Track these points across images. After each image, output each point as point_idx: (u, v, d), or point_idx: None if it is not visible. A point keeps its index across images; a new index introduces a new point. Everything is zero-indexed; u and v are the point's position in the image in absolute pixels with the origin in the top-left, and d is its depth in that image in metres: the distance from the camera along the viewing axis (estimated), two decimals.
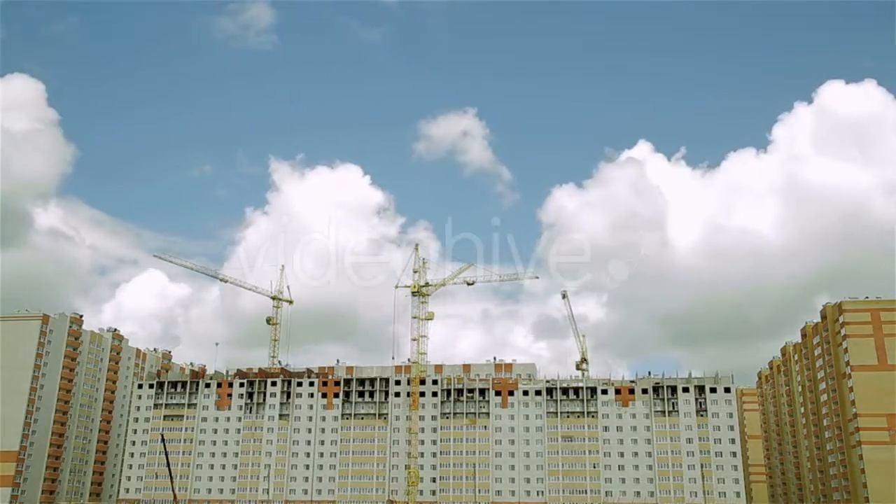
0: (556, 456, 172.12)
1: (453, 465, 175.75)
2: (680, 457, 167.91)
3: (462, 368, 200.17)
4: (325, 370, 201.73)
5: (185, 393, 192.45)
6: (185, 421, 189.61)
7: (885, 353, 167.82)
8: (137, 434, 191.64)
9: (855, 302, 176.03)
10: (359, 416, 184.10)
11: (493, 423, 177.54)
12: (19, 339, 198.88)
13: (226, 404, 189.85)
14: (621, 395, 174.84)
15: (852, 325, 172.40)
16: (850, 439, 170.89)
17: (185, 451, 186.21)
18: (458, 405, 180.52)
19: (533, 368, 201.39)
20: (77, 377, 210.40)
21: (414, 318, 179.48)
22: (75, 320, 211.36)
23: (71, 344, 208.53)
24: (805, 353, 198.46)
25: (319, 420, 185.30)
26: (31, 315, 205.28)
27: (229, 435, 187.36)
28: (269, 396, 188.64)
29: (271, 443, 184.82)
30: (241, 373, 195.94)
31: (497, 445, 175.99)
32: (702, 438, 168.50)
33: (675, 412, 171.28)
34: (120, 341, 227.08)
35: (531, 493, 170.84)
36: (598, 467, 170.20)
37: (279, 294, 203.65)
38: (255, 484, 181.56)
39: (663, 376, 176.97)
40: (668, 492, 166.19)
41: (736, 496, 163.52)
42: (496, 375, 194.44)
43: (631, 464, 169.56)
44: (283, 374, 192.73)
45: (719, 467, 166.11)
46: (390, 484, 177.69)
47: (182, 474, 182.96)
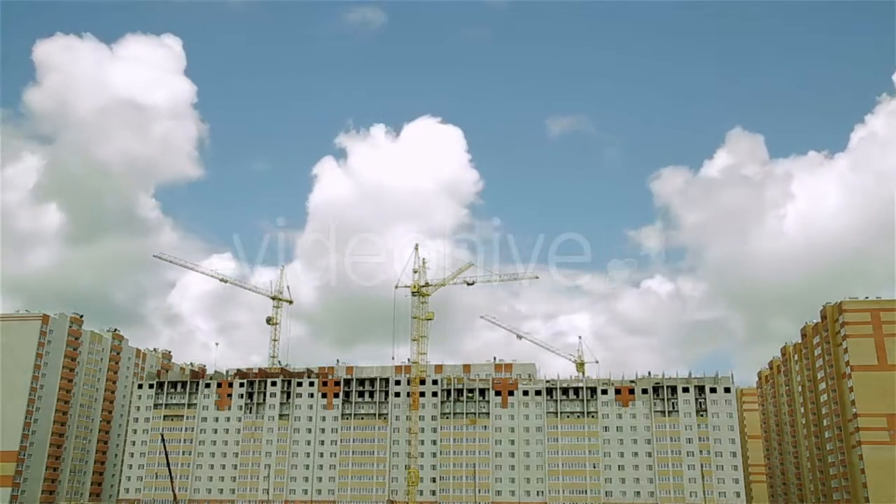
0: (556, 456, 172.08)
1: (453, 465, 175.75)
2: (680, 457, 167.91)
3: (462, 368, 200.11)
4: (325, 370, 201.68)
5: (185, 393, 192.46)
6: (185, 421, 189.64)
7: (885, 353, 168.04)
8: (137, 434, 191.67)
9: (855, 302, 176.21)
10: (359, 416, 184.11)
11: (493, 423, 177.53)
12: (19, 339, 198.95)
13: (226, 404, 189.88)
14: (621, 395, 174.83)
15: (852, 325, 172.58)
16: (850, 439, 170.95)
17: (185, 451, 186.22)
18: (458, 405, 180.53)
19: (533, 368, 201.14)
20: (77, 377, 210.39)
21: (414, 318, 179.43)
22: (75, 320, 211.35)
23: (71, 344, 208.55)
24: (805, 353, 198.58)
25: (319, 420, 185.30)
26: (31, 315, 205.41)
27: (229, 435, 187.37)
28: (269, 396, 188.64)
29: (271, 443, 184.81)
30: (241, 373, 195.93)
31: (497, 445, 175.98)
32: (702, 438, 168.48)
33: (675, 412, 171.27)
34: (120, 341, 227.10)
35: (531, 493, 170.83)
36: (598, 467, 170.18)
37: (279, 294, 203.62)
38: (255, 484, 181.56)
39: (663, 376, 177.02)
40: (668, 492, 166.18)
41: (736, 496, 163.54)
42: (496, 375, 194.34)
43: (631, 464, 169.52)
44: (283, 374, 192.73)
45: (719, 467, 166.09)
46: (390, 484, 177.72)
47: (182, 474, 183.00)
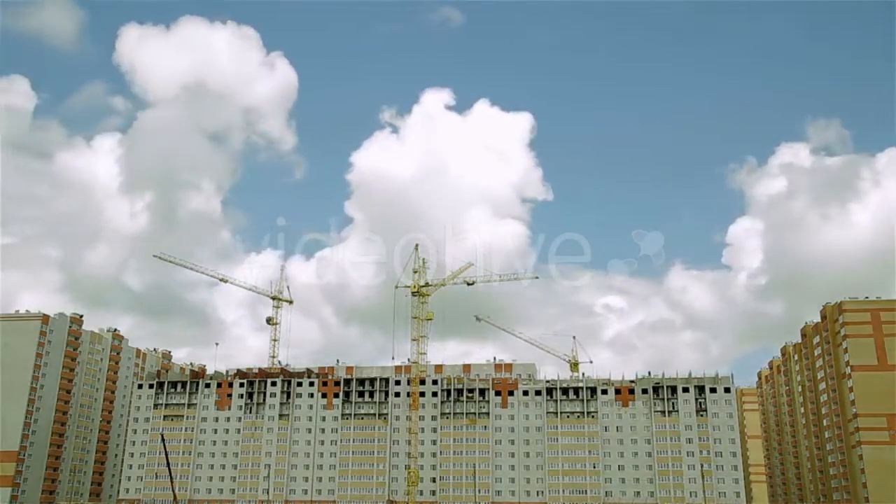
0: (556, 456, 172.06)
1: (453, 465, 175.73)
2: (680, 457, 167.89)
3: (462, 368, 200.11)
4: (325, 370, 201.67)
5: (185, 393, 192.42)
6: (185, 421, 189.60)
7: (885, 353, 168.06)
8: (137, 434, 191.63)
9: (855, 302, 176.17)
10: (359, 416, 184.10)
11: (493, 423, 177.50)
12: (19, 339, 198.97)
13: (226, 404, 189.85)
14: (621, 395, 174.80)
15: (852, 325, 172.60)
16: (850, 439, 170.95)
17: (185, 451, 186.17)
18: (458, 405, 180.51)
19: (533, 368, 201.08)
20: (77, 377, 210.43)
21: (414, 318, 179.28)
22: (75, 320, 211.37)
23: (71, 344, 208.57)
24: (805, 353, 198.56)
25: (319, 420, 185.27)
26: (31, 315, 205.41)
27: (229, 435, 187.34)
28: (269, 396, 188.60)
29: (271, 443, 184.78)
30: (241, 373, 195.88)
31: (497, 445, 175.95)
32: (702, 438, 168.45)
33: (675, 412, 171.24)
34: (120, 341, 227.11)
35: (531, 494, 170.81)
36: (598, 467, 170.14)
37: (279, 294, 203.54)
38: (255, 484, 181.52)
39: (663, 376, 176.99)
40: (668, 492, 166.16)
41: (736, 496, 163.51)
42: (496, 375, 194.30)
43: (631, 464, 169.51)
44: (283, 374, 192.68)
45: (719, 467, 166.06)
46: (390, 484, 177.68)
47: (182, 474, 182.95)
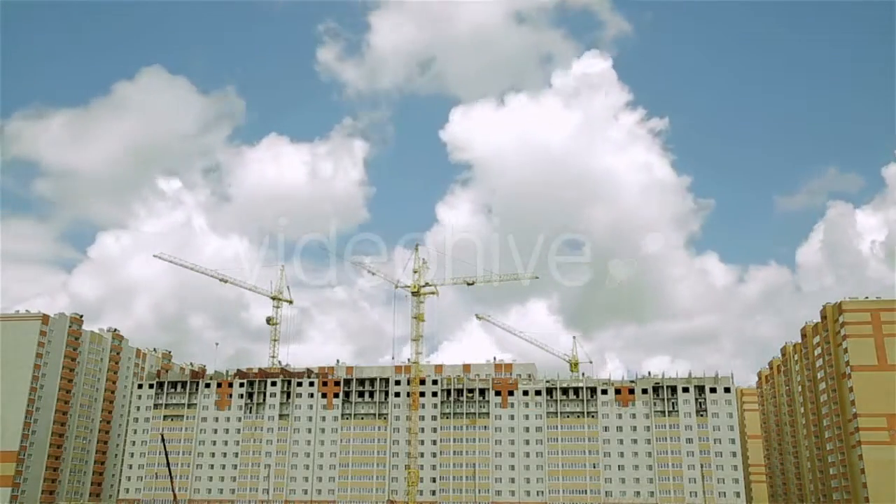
0: (556, 456, 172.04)
1: (453, 465, 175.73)
2: (680, 457, 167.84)
3: (462, 368, 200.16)
4: (325, 370, 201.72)
5: (185, 393, 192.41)
6: (185, 421, 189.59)
7: (885, 353, 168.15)
8: (137, 434, 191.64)
9: (855, 302, 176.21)
10: (359, 416, 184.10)
11: (493, 424, 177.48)
12: (19, 339, 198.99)
13: (226, 404, 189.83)
14: (621, 395, 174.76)
15: (852, 325, 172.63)
16: (850, 439, 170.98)
17: (185, 451, 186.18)
18: (458, 405, 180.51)
19: (533, 368, 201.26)
20: (77, 377, 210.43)
21: (414, 318, 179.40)
22: (75, 320, 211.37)
23: (71, 344, 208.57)
24: (805, 353, 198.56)
25: (319, 420, 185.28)
26: (31, 315, 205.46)
27: (229, 435, 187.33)
28: (269, 396, 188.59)
29: (271, 443, 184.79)
30: (241, 373, 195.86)
31: (497, 445, 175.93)
32: (702, 438, 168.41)
33: (675, 412, 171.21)
34: (120, 341, 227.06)
35: (531, 494, 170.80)
36: (598, 467, 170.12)
37: (279, 294, 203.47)
38: (255, 484, 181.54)
39: (663, 376, 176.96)
40: (668, 492, 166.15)
41: (736, 496, 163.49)
42: (496, 375, 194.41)
43: (631, 464, 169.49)
44: (283, 374, 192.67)
45: (719, 467, 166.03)
46: (390, 484, 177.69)
47: (182, 474, 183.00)
